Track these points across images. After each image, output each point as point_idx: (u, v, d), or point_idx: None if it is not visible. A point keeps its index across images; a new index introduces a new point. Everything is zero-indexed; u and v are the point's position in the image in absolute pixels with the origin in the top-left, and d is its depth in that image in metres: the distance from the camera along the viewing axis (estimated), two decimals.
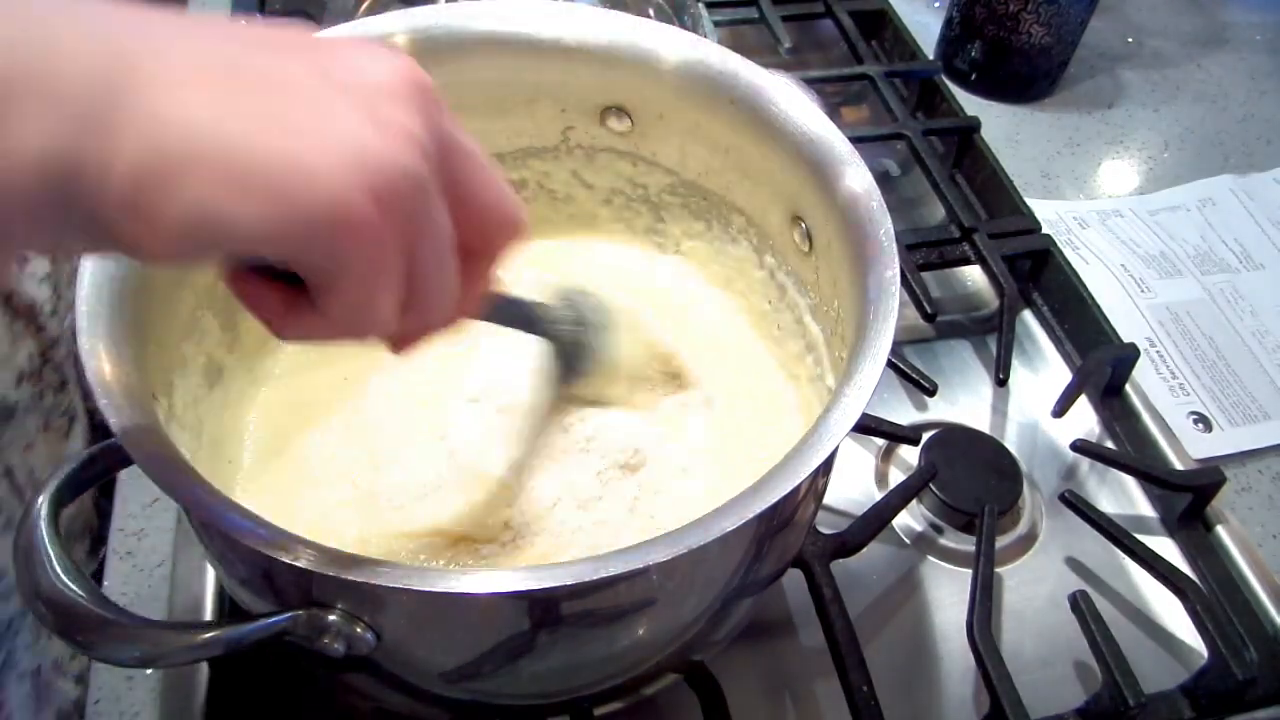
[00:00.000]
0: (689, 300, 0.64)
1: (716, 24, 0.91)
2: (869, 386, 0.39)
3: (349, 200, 0.27)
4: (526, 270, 0.61)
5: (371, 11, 0.79)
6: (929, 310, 0.73)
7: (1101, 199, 0.90)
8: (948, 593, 0.62)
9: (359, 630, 0.37)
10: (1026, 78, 0.97)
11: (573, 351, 0.52)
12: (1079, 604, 0.57)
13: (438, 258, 0.32)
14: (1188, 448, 0.68)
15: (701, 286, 0.64)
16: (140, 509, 0.61)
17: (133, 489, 0.62)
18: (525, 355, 0.54)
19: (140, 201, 0.26)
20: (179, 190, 0.26)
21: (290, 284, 0.31)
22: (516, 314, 0.48)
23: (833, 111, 0.85)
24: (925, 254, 0.79)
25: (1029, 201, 0.83)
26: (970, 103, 0.96)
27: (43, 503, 0.38)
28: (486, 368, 0.56)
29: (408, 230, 0.29)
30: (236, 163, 0.26)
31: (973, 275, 0.82)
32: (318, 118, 0.27)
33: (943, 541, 0.64)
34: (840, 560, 0.58)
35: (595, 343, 0.52)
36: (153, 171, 0.25)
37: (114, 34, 0.26)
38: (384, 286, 0.30)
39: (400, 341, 0.35)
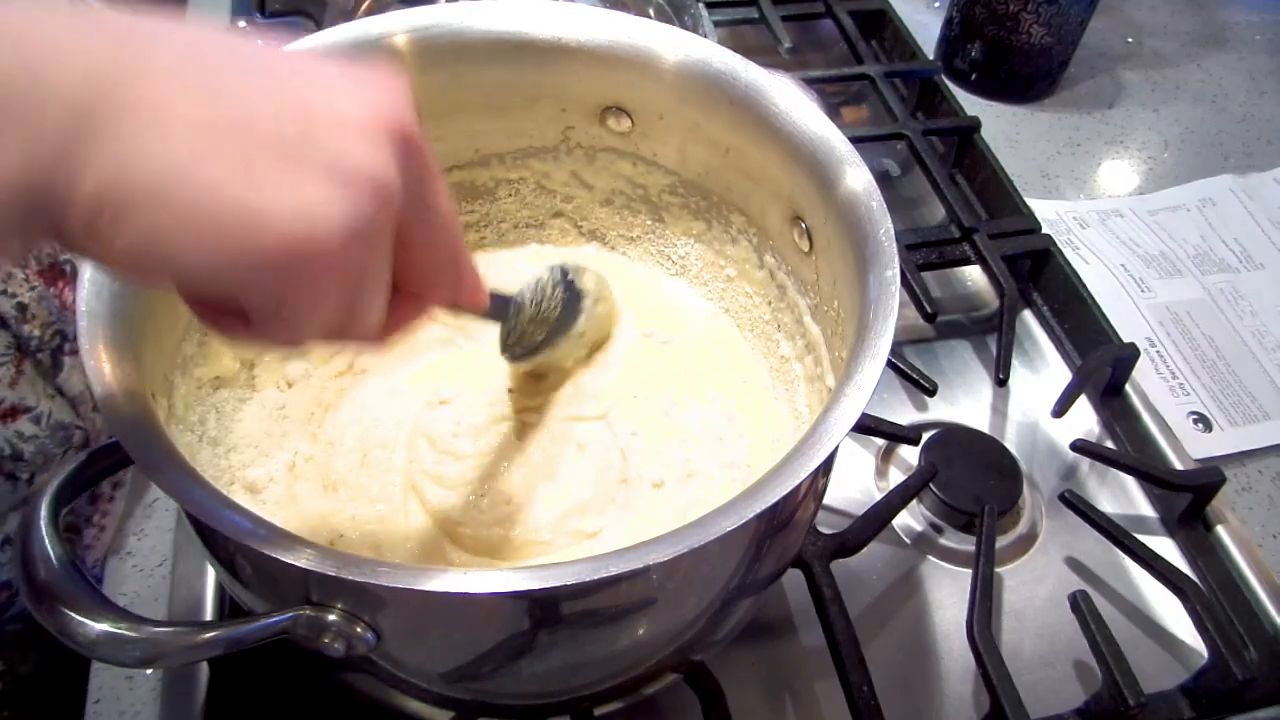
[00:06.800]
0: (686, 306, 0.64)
1: (716, 24, 0.91)
2: (869, 386, 0.39)
3: (299, 250, 0.28)
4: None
5: (371, 11, 0.79)
6: (929, 310, 0.73)
7: (1101, 199, 0.90)
8: (948, 593, 0.62)
9: (359, 630, 0.37)
10: (1026, 78, 0.97)
11: (528, 335, 0.53)
12: (1079, 604, 0.57)
13: (370, 300, 0.33)
14: (1188, 448, 0.68)
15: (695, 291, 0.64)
16: (140, 509, 0.61)
17: (133, 489, 0.62)
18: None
19: (97, 225, 0.27)
20: (131, 221, 0.27)
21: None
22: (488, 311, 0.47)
23: (833, 111, 0.85)
24: (925, 254, 0.79)
25: (1029, 201, 0.83)
26: (970, 103, 0.96)
27: (43, 503, 0.38)
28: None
29: (347, 281, 0.31)
30: (191, 204, 0.27)
31: (973, 275, 0.82)
32: (281, 168, 0.28)
33: (943, 541, 0.64)
34: (840, 560, 0.58)
35: (564, 323, 0.55)
36: (110, 201, 0.27)
37: (95, 61, 0.27)
38: (314, 324, 0.31)
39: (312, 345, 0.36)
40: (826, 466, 0.40)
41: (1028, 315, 0.79)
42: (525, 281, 0.53)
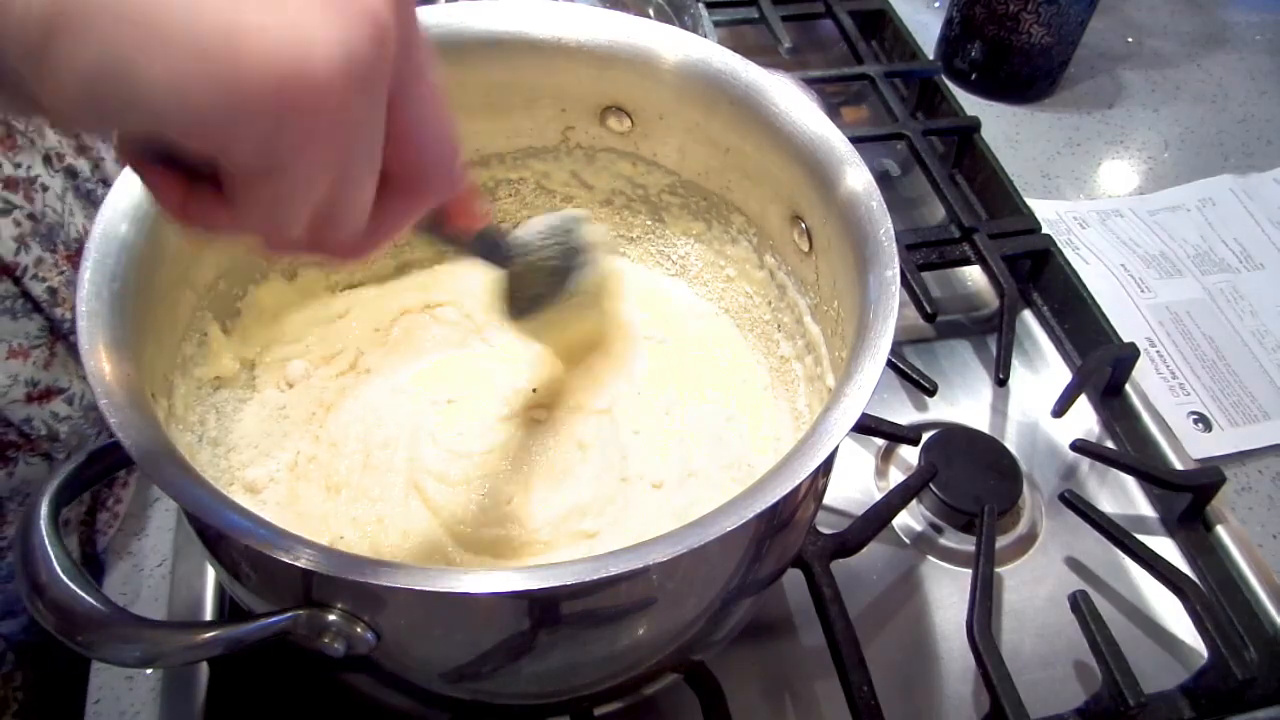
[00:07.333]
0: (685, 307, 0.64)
1: (716, 24, 0.91)
2: (869, 386, 0.39)
3: (292, 84, 0.24)
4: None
5: None
6: (929, 310, 0.73)
7: (1101, 199, 0.90)
8: (948, 593, 0.62)
9: (359, 630, 0.37)
10: (1026, 78, 0.97)
11: (528, 284, 0.50)
12: (1079, 604, 0.57)
13: (361, 169, 0.28)
14: (1188, 448, 0.68)
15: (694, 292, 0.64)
16: (140, 509, 0.61)
17: (133, 489, 0.62)
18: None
19: (46, 50, 0.23)
20: (87, 41, 0.23)
21: (193, 172, 0.28)
22: (478, 243, 0.45)
23: (833, 111, 0.86)
24: (925, 254, 0.79)
25: (1029, 201, 0.83)
26: (970, 103, 0.96)
27: (43, 503, 0.38)
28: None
29: (345, 130, 0.26)
30: (159, 18, 0.23)
31: (973, 275, 0.82)
32: None
33: (943, 541, 0.64)
34: (840, 560, 0.58)
35: (567, 273, 0.51)
36: (64, 19, 0.22)
37: None
38: (306, 186, 0.27)
39: (284, 249, 0.30)
40: (826, 466, 0.40)
41: (1028, 315, 0.79)
42: (522, 226, 0.50)
